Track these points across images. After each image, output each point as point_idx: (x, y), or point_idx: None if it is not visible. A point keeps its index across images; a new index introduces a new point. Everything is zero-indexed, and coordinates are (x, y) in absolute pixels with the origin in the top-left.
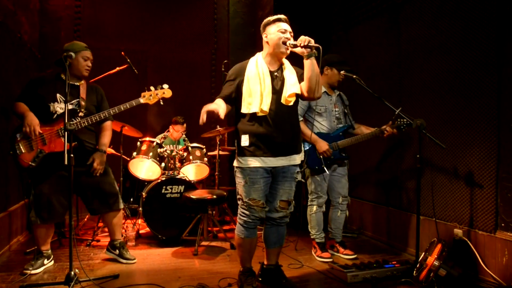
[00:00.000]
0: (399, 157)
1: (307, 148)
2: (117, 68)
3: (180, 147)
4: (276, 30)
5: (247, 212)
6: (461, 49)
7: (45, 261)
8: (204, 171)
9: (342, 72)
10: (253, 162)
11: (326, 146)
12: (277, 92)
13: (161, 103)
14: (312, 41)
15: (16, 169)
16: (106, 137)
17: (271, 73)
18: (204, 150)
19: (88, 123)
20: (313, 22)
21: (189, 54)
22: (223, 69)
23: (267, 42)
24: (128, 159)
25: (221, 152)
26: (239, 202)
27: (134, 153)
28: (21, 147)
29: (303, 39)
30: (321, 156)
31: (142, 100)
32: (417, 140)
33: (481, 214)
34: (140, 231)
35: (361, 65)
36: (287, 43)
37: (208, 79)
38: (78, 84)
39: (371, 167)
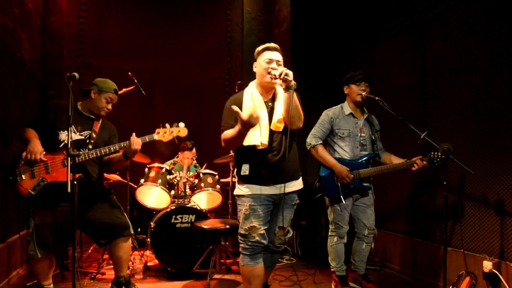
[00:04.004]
0: (425, 184)
1: (324, 174)
2: (124, 90)
3: (191, 173)
4: (262, 61)
5: (244, 238)
6: (491, 69)
7: None
8: (217, 199)
9: (364, 93)
10: (254, 189)
11: (345, 172)
12: (271, 122)
13: (176, 141)
14: (290, 73)
15: (14, 196)
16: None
17: (266, 103)
18: (217, 176)
19: (97, 155)
20: (334, 40)
21: (200, 74)
22: (236, 90)
23: (256, 73)
24: (136, 186)
25: (234, 179)
26: (240, 231)
27: (142, 180)
28: (23, 174)
29: (281, 71)
30: (339, 184)
31: (156, 137)
32: (444, 166)
33: None
34: (148, 264)
35: (384, 86)
36: (272, 73)
37: (221, 101)
38: (93, 117)
39: (395, 195)
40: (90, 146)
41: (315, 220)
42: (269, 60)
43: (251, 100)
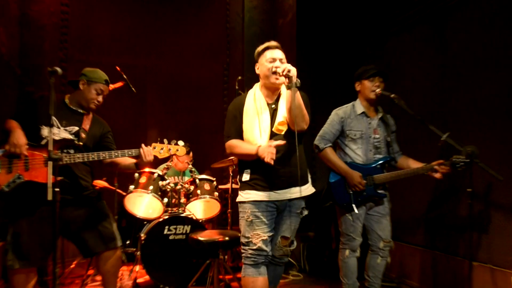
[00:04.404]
0: (447, 191)
1: (334, 180)
2: (111, 86)
3: (186, 179)
4: (265, 61)
5: (246, 246)
6: None
7: None
8: (215, 208)
9: (378, 90)
10: (256, 195)
11: (358, 178)
12: (274, 125)
13: (172, 160)
14: (293, 70)
15: None
16: None
17: (269, 106)
18: (215, 183)
19: (84, 161)
20: (344, 31)
21: (197, 69)
22: (237, 87)
23: (259, 75)
24: (124, 193)
25: (234, 186)
26: (242, 240)
27: (131, 187)
28: None
29: (283, 68)
30: (351, 191)
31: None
32: (468, 171)
33: None
34: (138, 280)
35: (400, 82)
36: (277, 70)
37: (220, 98)
38: (82, 112)
39: (413, 203)
40: (80, 145)
41: (324, 231)
42: (272, 59)
43: (253, 102)
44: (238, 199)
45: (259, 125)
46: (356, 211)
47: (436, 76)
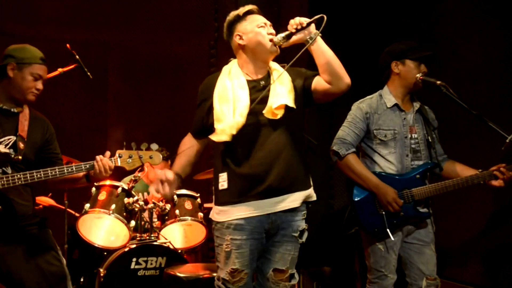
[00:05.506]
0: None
1: (360, 198)
2: (59, 70)
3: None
4: (255, 26)
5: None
6: None
7: None
8: (198, 233)
9: (418, 75)
10: (238, 212)
11: (392, 195)
12: (261, 108)
13: (142, 170)
14: (306, 19)
15: None
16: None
17: (252, 83)
18: (199, 200)
19: (26, 182)
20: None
21: (175, 46)
22: None
23: (244, 46)
24: (77, 214)
25: None
26: (219, 275)
27: (87, 206)
28: None
29: (296, 23)
30: (383, 211)
31: (118, 162)
32: None
33: None
34: None
35: (449, 65)
36: (275, 39)
37: None
38: (16, 111)
39: (464, 226)
40: (18, 160)
41: (345, 265)
42: (263, 23)
43: (228, 79)
44: (213, 216)
45: (233, 108)
46: (392, 238)
47: (499, 58)
